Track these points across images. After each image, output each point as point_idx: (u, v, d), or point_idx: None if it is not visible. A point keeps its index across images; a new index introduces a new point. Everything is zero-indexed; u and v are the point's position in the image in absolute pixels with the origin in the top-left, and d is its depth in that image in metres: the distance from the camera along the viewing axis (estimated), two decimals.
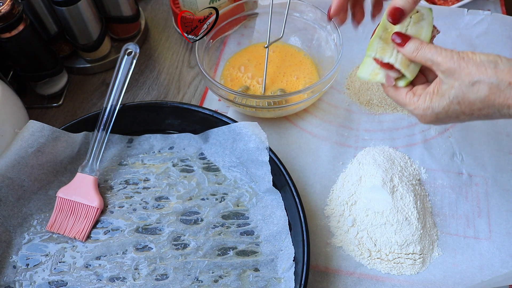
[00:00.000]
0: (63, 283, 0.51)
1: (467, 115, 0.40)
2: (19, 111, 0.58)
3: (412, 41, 0.43)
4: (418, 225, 0.52)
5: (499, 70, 0.37)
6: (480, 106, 0.39)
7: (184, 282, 0.50)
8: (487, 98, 0.38)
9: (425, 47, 0.42)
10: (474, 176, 0.58)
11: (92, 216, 0.54)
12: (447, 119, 0.42)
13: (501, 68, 0.37)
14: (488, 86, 0.37)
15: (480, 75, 0.38)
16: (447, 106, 0.40)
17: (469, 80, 0.38)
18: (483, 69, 0.38)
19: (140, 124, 0.61)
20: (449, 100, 0.40)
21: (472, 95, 0.38)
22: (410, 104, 0.44)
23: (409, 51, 0.43)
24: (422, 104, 0.42)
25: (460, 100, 0.39)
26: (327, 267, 0.52)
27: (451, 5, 0.75)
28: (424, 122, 0.44)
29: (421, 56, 0.42)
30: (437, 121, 0.43)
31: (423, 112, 0.43)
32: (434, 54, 0.41)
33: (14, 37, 0.59)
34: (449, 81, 0.40)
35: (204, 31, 0.62)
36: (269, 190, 0.54)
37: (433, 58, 0.41)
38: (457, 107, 0.40)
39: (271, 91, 0.65)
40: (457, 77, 0.39)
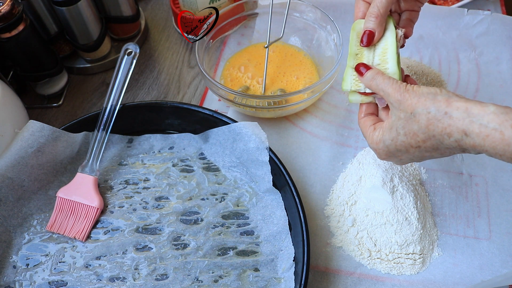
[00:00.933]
0: (63, 283, 0.51)
1: (414, 147, 0.41)
2: (19, 111, 0.58)
3: (369, 70, 0.44)
4: (418, 225, 0.52)
5: (436, 100, 0.38)
6: (423, 137, 0.39)
7: (184, 282, 0.50)
8: (426, 128, 0.38)
9: (379, 77, 0.43)
10: (474, 176, 0.58)
11: (92, 216, 0.54)
12: (399, 153, 0.43)
13: (439, 98, 0.38)
14: (426, 116, 0.38)
15: (419, 106, 0.39)
16: (395, 138, 0.41)
17: (411, 111, 0.39)
18: (422, 99, 0.39)
19: (140, 124, 0.61)
20: (397, 131, 0.41)
21: (414, 125, 0.39)
22: (369, 137, 0.45)
23: (366, 80, 0.44)
24: (376, 137, 0.44)
25: (406, 131, 0.40)
26: (327, 267, 0.52)
27: (451, 5, 0.75)
28: (379, 156, 0.45)
29: (375, 86, 0.43)
30: (390, 155, 0.43)
31: (377, 146, 0.44)
32: (386, 85, 0.42)
33: (14, 37, 0.59)
34: (396, 113, 0.41)
35: (204, 31, 0.62)
36: (269, 190, 0.54)
37: (384, 89, 0.42)
38: (404, 138, 0.41)
39: (271, 91, 0.65)
40: (402, 108, 0.40)
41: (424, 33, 0.72)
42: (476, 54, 0.70)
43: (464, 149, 0.38)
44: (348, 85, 0.47)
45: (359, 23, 0.47)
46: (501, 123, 0.34)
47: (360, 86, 0.46)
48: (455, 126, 0.37)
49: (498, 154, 0.35)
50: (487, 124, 0.35)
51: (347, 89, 0.47)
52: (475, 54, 0.70)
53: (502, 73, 0.68)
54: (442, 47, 0.71)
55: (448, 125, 0.37)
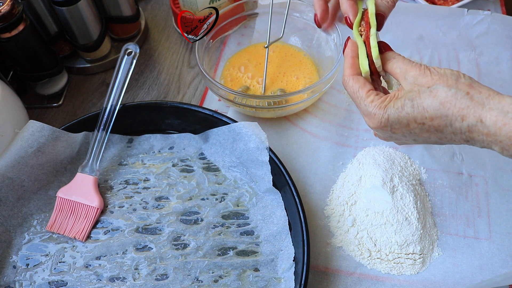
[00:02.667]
0: (63, 283, 0.51)
1: (418, 123, 0.39)
2: (19, 111, 0.58)
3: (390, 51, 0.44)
4: (418, 225, 0.52)
5: (459, 82, 0.38)
6: (432, 114, 0.38)
7: (184, 282, 0.50)
8: (441, 105, 0.37)
9: (400, 58, 0.43)
10: (474, 176, 0.58)
11: (92, 216, 0.54)
12: (397, 126, 0.41)
13: (462, 81, 0.38)
14: (445, 93, 0.37)
15: (441, 83, 0.38)
16: (400, 107, 0.40)
17: (428, 85, 0.39)
18: (444, 78, 0.38)
19: (140, 124, 0.61)
20: (404, 101, 0.40)
21: (427, 100, 0.38)
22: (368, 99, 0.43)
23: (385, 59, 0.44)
24: (379, 102, 0.42)
25: (415, 103, 0.39)
26: (327, 267, 0.52)
27: (451, 5, 0.75)
28: (372, 122, 0.43)
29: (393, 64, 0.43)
30: (386, 124, 0.42)
31: (377, 110, 0.42)
32: (406, 64, 0.42)
33: (14, 37, 0.59)
34: (410, 86, 0.40)
35: (204, 31, 0.62)
36: (269, 190, 0.54)
37: (403, 66, 0.42)
38: (410, 110, 0.39)
39: (271, 91, 0.65)
40: (418, 83, 0.40)
41: (424, 33, 0.72)
42: (476, 54, 0.70)
43: (472, 138, 0.37)
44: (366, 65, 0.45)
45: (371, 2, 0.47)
46: None
47: None
48: (473, 109, 0.36)
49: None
50: (506, 113, 0.34)
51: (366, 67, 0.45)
52: (475, 54, 0.70)
53: (502, 73, 0.68)
54: (442, 47, 0.71)
55: (466, 107, 0.36)
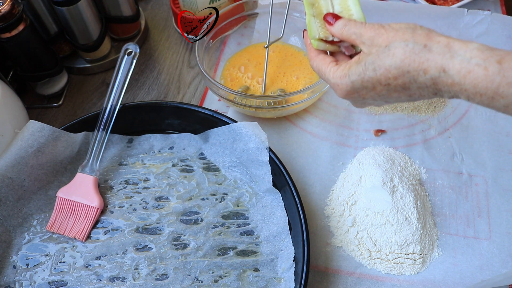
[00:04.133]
0: (63, 283, 0.51)
1: (383, 85, 0.38)
2: (19, 111, 0.58)
3: (340, 19, 0.43)
4: (418, 225, 0.52)
5: (416, 34, 0.36)
6: (395, 73, 0.37)
7: (184, 282, 0.50)
8: (402, 62, 0.36)
9: (351, 23, 0.41)
10: (474, 176, 0.58)
11: (92, 216, 0.54)
12: (364, 91, 0.40)
13: (419, 32, 0.36)
14: (403, 49, 0.36)
15: (397, 39, 0.37)
16: (362, 72, 0.39)
17: (385, 44, 0.37)
18: (400, 33, 0.37)
19: (140, 124, 0.61)
20: (365, 66, 0.39)
21: (387, 59, 0.37)
22: (330, 72, 0.42)
23: (337, 29, 0.42)
24: (340, 72, 0.41)
25: (376, 66, 0.38)
26: (327, 267, 0.52)
27: (451, 5, 0.75)
28: (340, 93, 0.42)
29: (347, 32, 0.41)
30: (353, 91, 0.41)
31: (340, 81, 0.41)
32: (358, 27, 0.40)
33: (14, 37, 0.59)
34: (368, 49, 0.39)
35: (204, 31, 0.62)
36: (269, 190, 0.54)
37: (356, 31, 0.40)
38: (372, 73, 0.38)
39: (271, 91, 0.65)
40: (375, 44, 0.38)
41: None
42: None
43: (438, 89, 0.36)
44: (315, 32, 0.45)
45: None
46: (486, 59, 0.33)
47: (328, 34, 0.44)
48: (434, 61, 0.35)
49: (479, 93, 0.33)
50: (469, 60, 0.33)
51: (315, 36, 0.45)
52: None
53: None
54: None
55: (426, 60, 0.35)
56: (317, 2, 0.46)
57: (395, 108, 0.65)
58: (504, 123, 0.62)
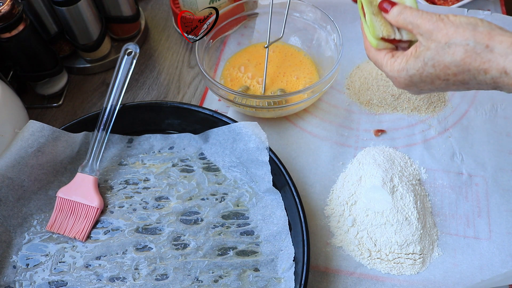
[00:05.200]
0: (63, 283, 0.51)
1: (442, 80, 0.38)
2: (19, 111, 0.58)
3: (396, 6, 0.42)
4: (418, 225, 0.52)
5: (477, 32, 0.35)
6: (455, 70, 0.37)
7: (184, 282, 0.50)
8: (462, 61, 0.36)
9: (407, 11, 0.41)
10: (474, 176, 0.58)
11: (92, 216, 0.54)
12: (422, 84, 0.40)
13: (480, 30, 0.35)
14: (464, 48, 0.35)
15: (457, 36, 0.36)
16: (421, 68, 0.39)
17: (445, 41, 0.37)
18: (460, 30, 0.36)
19: (140, 124, 0.61)
20: (424, 62, 0.39)
21: (447, 57, 0.37)
22: (387, 65, 0.43)
23: (393, 16, 0.42)
24: (398, 65, 0.41)
25: (435, 62, 0.38)
26: (327, 267, 0.52)
27: (451, 5, 0.75)
28: (398, 85, 0.43)
29: (403, 20, 0.41)
30: (411, 85, 0.41)
31: (398, 74, 0.41)
32: (415, 17, 0.40)
33: (14, 37, 0.59)
34: (426, 43, 0.38)
35: (204, 31, 0.62)
36: (269, 190, 0.54)
37: (413, 21, 0.40)
38: (432, 70, 0.38)
39: (271, 91, 0.65)
40: (434, 38, 0.38)
41: None
42: None
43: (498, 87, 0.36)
44: (379, 31, 0.44)
45: None
46: None
47: (390, 32, 0.44)
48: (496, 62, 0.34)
49: None
50: None
51: (379, 35, 0.44)
52: None
53: None
54: None
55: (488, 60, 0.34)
56: (375, 0, 0.45)
57: (395, 108, 0.65)
58: (504, 123, 0.62)
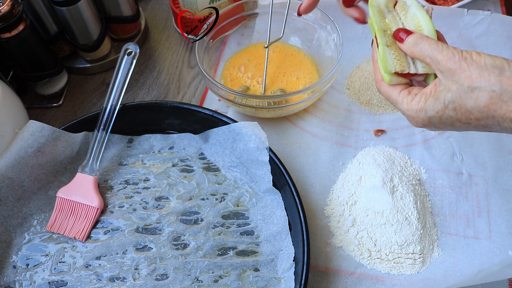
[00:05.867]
0: (63, 283, 0.51)
1: (463, 123, 0.36)
2: (19, 111, 0.58)
3: (412, 35, 0.40)
4: (418, 225, 0.52)
5: (504, 77, 0.33)
6: (478, 116, 0.35)
7: (184, 282, 0.50)
8: (486, 108, 0.34)
9: (424, 42, 0.38)
10: (474, 176, 0.58)
11: (92, 216, 0.54)
12: (441, 126, 0.38)
13: (507, 75, 0.33)
14: (489, 94, 0.33)
15: (482, 81, 0.34)
16: (441, 110, 0.37)
17: (468, 84, 0.34)
18: (486, 74, 0.34)
19: (140, 124, 0.61)
20: (444, 104, 0.36)
21: (470, 102, 0.35)
22: (403, 103, 0.40)
23: (408, 46, 0.40)
24: (416, 105, 0.39)
25: (457, 106, 0.36)
26: (327, 267, 0.52)
27: (451, 5, 0.75)
28: (415, 125, 0.41)
29: (420, 51, 0.38)
30: (430, 125, 0.39)
31: (416, 114, 0.39)
32: (434, 51, 0.37)
33: (14, 37, 0.59)
34: (447, 83, 0.36)
35: (204, 31, 0.62)
36: (269, 190, 0.54)
37: (432, 55, 0.37)
38: (453, 113, 0.36)
39: (271, 91, 0.65)
40: (456, 80, 0.35)
41: None
42: None
43: None
44: (391, 66, 0.41)
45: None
46: None
47: (404, 67, 0.41)
48: None
49: None
50: None
51: (391, 70, 0.41)
52: None
53: None
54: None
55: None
56: (389, 29, 0.43)
57: (395, 108, 0.65)
58: None
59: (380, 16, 0.44)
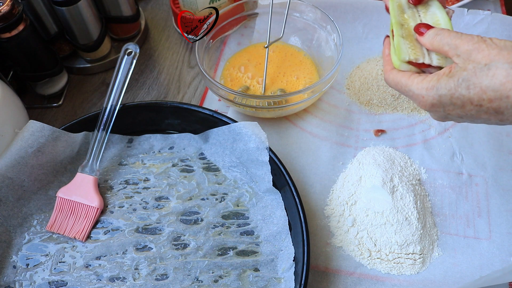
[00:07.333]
0: (63, 283, 0.51)
1: (474, 105, 0.35)
2: (19, 111, 0.58)
3: (432, 28, 0.40)
4: (418, 225, 0.52)
5: None
6: (491, 95, 0.34)
7: (184, 282, 0.50)
8: (502, 86, 0.33)
9: (445, 32, 0.38)
10: (474, 176, 0.58)
11: (92, 216, 0.54)
12: (451, 107, 0.37)
13: None
14: (506, 71, 0.33)
15: (500, 59, 0.33)
16: (453, 88, 0.36)
17: (485, 62, 0.34)
18: (505, 53, 0.33)
19: (140, 124, 0.61)
20: (458, 82, 0.35)
21: (485, 80, 0.34)
22: (413, 83, 0.39)
23: (428, 38, 0.40)
24: (427, 83, 0.38)
25: (470, 84, 0.35)
26: (327, 267, 0.52)
27: (451, 5, 0.75)
28: (424, 105, 0.39)
29: (439, 41, 0.38)
30: (439, 105, 0.38)
31: (426, 92, 0.38)
32: (453, 38, 0.37)
33: (14, 37, 0.59)
34: (463, 64, 0.35)
35: (204, 31, 0.62)
36: (269, 190, 0.54)
37: (451, 42, 0.37)
38: (465, 91, 0.35)
39: (271, 91, 0.65)
40: (473, 59, 0.35)
41: None
42: None
43: None
44: (405, 53, 0.42)
45: None
46: None
47: (419, 56, 0.42)
48: None
49: None
50: None
51: (405, 58, 0.42)
52: None
53: None
54: None
55: None
56: (406, 23, 0.44)
57: (395, 108, 0.65)
58: None
59: (399, 11, 0.46)
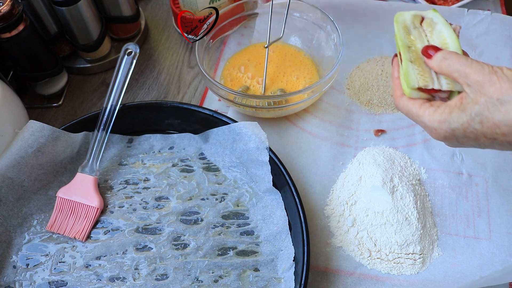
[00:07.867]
0: (63, 283, 0.51)
1: (488, 138, 0.35)
2: (19, 111, 0.58)
3: (440, 51, 0.39)
4: (418, 225, 0.52)
5: None
6: (505, 130, 0.33)
7: (184, 282, 0.50)
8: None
9: (453, 56, 0.38)
10: (474, 176, 0.58)
11: (92, 216, 0.54)
12: (465, 140, 0.37)
13: None
14: None
15: None
16: (466, 123, 0.35)
17: (497, 97, 0.33)
18: None
19: (140, 124, 0.61)
20: (470, 116, 0.35)
21: (498, 115, 0.33)
22: (424, 114, 0.39)
23: (436, 62, 0.39)
24: (439, 116, 0.38)
25: (484, 119, 0.34)
26: (327, 267, 0.52)
27: (451, 5, 0.75)
28: (437, 137, 0.39)
29: (447, 66, 0.38)
30: (452, 138, 0.38)
31: (438, 125, 0.38)
32: (463, 65, 0.36)
33: (14, 37, 0.59)
34: (474, 96, 0.35)
35: (204, 31, 0.62)
36: (269, 190, 0.54)
37: (460, 69, 0.36)
38: (478, 126, 0.35)
39: (271, 91, 0.65)
40: (484, 92, 0.34)
41: None
42: (476, 54, 0.70)
43: None
44: (414, 80, 0.41)
45: (402, 14, 0.45)
46: None
47: (428, 82, 0.40)
48: None
49: None
50: None
51: (414, 86, 0.41)
52: (475, 54, 0.70)
53: None
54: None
55: None
56: (413, 45, 0.43)
57: (395, 108, 0.65)
58: None
59: (405, 33, 0.44)
